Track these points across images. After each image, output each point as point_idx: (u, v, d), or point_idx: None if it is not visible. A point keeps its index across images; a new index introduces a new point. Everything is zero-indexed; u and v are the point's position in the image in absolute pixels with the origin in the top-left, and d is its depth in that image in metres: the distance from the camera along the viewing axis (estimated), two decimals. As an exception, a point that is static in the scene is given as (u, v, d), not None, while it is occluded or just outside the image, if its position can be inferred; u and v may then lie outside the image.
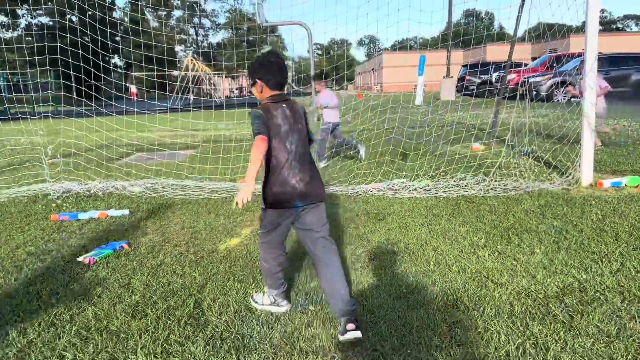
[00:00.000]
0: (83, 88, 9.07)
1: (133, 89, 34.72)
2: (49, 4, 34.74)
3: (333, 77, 11.13)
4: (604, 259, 4.06)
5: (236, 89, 53.99)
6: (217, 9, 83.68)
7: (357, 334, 2.87)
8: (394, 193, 6.54)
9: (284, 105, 3.10)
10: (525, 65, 26.17)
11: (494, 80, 24.76)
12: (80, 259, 4.49)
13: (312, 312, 3.34)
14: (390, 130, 9.70)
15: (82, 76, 8.90)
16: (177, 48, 57.72)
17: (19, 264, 4.41)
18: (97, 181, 7.46)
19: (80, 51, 8.68)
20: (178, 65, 46.48)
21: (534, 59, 38.69)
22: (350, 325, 2.89)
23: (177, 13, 60.75)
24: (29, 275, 4.12)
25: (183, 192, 7.00)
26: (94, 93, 9.19)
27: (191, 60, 36.22)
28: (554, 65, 21.41)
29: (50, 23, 37.12)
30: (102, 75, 9.81)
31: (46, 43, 10.61)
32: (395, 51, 62.39)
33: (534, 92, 20.11)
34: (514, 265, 4.03)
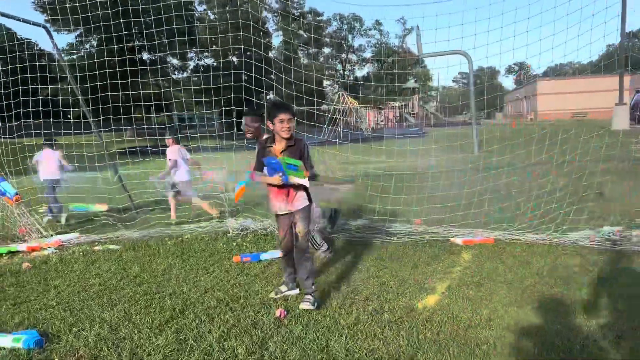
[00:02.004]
0: (237, 130, 9.21)
1: (285, 123, 36.25)
2: (214, 46, 37.95)
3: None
4: None
5: (381, 121, 54.15)
6: (364, 43, 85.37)
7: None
8: (614, 244, 5.46)
9: None
10: None
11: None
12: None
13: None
14: (584, 165, 8.43)
15: (235, 120, 9.07)
16: (325, 83, 59.66)
17: (210, 312, 4.21)
18: (272, 219, 7.34)
19: (234, 93, 8.89)
20: (326, 99, 47.90)
21: None
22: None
23: (326, 50, 63.04)
24: (221, 327, 3.87)
25: (360, 234, 6.58)
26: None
27: (341, 94, 37.01)
28: None
29: (215, 64, 40.48)
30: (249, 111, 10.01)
31: (211, 84, 11.12)
32: (550, 78, 58.43)
33: None
34: None
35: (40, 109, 8.67)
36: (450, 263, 5.31)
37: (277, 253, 5.76)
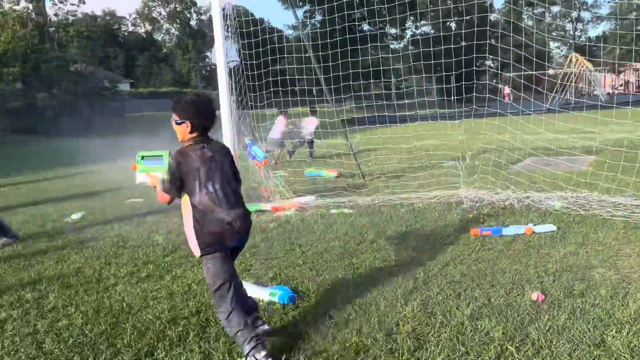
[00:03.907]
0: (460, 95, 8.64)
1: (506, 90, 33.90)
2: (432, 14, 37.05)
3: None
4: None
5: (620, 86, 47.24)
6: (601, -1, 74.76)
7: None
8: None
9: (205, 146, 2.98)
10: None
11: None
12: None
13: None
14: None
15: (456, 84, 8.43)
16: (552, 45, 54.09)
17: (455, 287, 3.94)
18: (510, 191, 6.76)
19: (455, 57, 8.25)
20: (552, 63, 43.37)
21: None
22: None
23: (554, 9, 56.95)
24: (470, 305, 3.57)
25: (620, 212, 5.64)
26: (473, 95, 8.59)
27: (575, 57, 33.08)
28: None
29: (432, 32, 39.61)
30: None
31: (431, 52, 10.73)
32: None
33: None
34: None
35: (278, 78, 9.25)
36: None
37: (522, 228, 5.26)
